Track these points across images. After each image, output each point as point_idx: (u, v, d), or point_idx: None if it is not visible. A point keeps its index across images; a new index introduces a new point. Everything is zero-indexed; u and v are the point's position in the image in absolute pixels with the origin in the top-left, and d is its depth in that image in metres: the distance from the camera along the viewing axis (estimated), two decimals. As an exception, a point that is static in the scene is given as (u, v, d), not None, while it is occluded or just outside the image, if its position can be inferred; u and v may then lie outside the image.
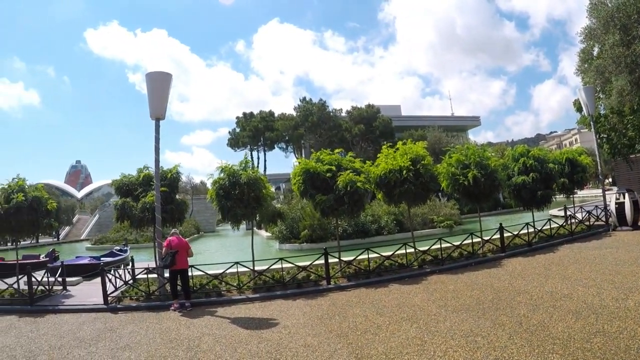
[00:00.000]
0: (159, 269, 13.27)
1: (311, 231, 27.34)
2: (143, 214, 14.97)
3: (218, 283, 13.31)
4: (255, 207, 13.90)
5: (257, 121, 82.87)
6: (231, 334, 9.02)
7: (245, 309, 11.43)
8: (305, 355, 7.33)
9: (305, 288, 13.08)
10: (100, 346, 8.83)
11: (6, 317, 12.30)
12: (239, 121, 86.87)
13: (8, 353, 8.79)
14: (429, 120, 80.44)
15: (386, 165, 15.22)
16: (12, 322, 11.62)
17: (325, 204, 14.45)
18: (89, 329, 10.34)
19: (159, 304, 12.40)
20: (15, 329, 10.82)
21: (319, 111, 72.23)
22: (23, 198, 14.36)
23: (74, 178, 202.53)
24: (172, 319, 10.78)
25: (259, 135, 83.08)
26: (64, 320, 11.48)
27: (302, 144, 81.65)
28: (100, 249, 40.67)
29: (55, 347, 8.99)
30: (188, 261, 12.37)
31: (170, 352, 8.07)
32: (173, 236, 12.47)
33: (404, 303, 10.40)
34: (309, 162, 15.10)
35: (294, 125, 74.92)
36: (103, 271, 12.98)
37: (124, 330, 9.94)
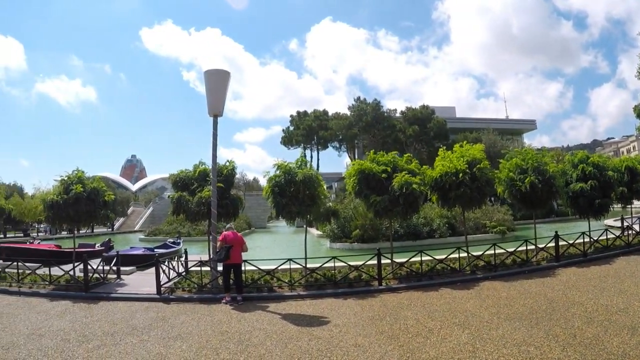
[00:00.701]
0: (212, 262, 13.41)
1: (362, 231, 27.28)
2: (198, 208, 15.19)
3: (270, 279, 13.40)
4: (309, 205, 13.90)
5: (311, 120, 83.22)
6: (282, 330, 9.04)
7: (296, 305, 11.44)
8: (356, 355, 7.28)
9: (356, 288, 13.01)
10: (152, 335, 8.99)
11: (61, 302, 12.67)
12: (293, 119, 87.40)
13: (62, 337, 9.02)
14: (483, 122, 78.97)
15: (442, 167, 15.00)
16: (67, 307, 11.94)
17: (380, 204, 14.34)
18: (141, 317, 10.55)
19: (211, 296, 12.53)
20: (70, 314, 11.11)
21: (373, 111, 71.99)
22: (82, 189, 14.77)
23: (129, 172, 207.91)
24: (224, 312, 10.89)
25: (313, 134, 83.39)
26: (117, 307, 11.75)
27: (355, 144, 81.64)
28: (153, 241, 41.53)
29: (108, 333, 9.20)
30: (242, 256, 12.49)
31: (222, 345, 8.14)
32: (229, 231, 12.61)
33: (456, 308, 10.24)
34: (364, 163, 15.01)
35: (348, 124, 74.86)
36: (158, 262, 13.21)
37: (176, 321, 10.09)
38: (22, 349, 8.23)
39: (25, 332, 9.45)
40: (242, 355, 7.53)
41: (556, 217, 43.46)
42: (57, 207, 14.76)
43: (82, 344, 8.44)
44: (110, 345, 8.35)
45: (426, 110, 73.19)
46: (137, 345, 8.26)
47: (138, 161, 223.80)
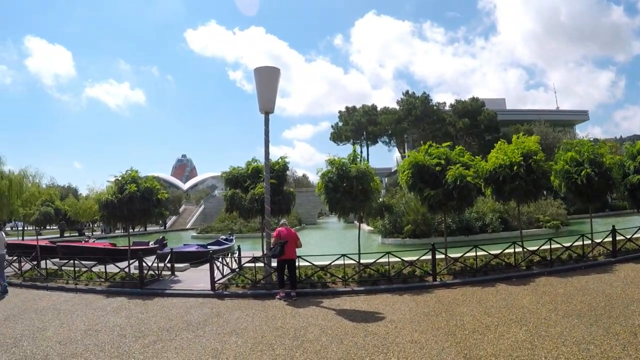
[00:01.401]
0: (266, 258, 13.42)
1: (415, 226, 26.98)
2: (252, 205, 15.27)
3: (323, 274, 13.32)
4: (363, 200, 13.79)
5: (359, 115, 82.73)
6: (337, 326, 8.96)
7: (350, 301, 11.34)
8: (412, 351, 7.14)
9: (410, 283, 12.82)
10: (207, 330, 9.03)
11: (117, 298, 12.90)
12: (342, 115, 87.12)
13: (118, 332, 9.16)
14: (534, 114, 76.37)
15: (497, 159, 14.58)
16: (123, 303, 12.14)
17: (434, 198, 14.12)
18: (196, 313, 10.62)
19: (265, 292, 12.54)
20: (126, 310, 11.29)
21: (422, 105, 71.11)
22: (135, 189, 15.03)
23: (180, 171, 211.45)
24: (278, 308, 10.87)
25: (362, 129, 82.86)
26: (172, 303, 11.87)
27: (405, 138, 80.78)
28: (205, 238, 42.10)
29: (163, 328, 9.29)
30: (296, 252, 12.46)
31: (277, 340, 8.11)
32: (282, 227, 12.60)
33: (512, 304, 9.96)
34: (417, 156, 14.79)
35: (397, 119, 74.14)
36: (212, 258, 13.34)
37: (231, 316, 10.12)
38: (79, 344, 8.37)
39: (82, 327, 9.63)
40: (297, 350, 7.48)
41: (610, 211, 42.03)
42: (111, 207, 15.04)
43: (138, 339, 8.53)
44: (166, 340, 8.42)
45: (476, 102, 71.73)
46: (193, 341, 8.31)
47: (188, 160, 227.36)
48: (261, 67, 13.75)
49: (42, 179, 39.49)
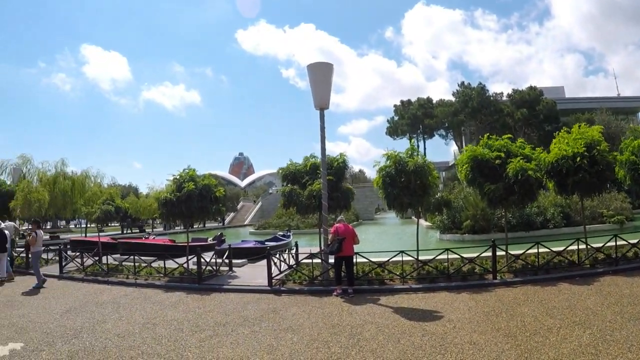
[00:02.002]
0: (323, 254, 13.40)
1: (474, 222, 26.56)
2: (309, 201, 15.29)
3: (381, 271, 13.19)
4: (421, 195, 13.57)
5: (415, 108, 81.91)
6: (394, 324, 8.84)
7: (407, 299, 11.19)
8: (471, 353, 6.95)
9: (469, 281, 12.57)
10: (263, 326, 9.06)
11: (176, 293, 13.13)
12: (397, 109, 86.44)
13: (176, 326, 9.31)
14: (595, 102, 73.18)
15: (559, 151, 14.04)
16: (181, 298, 12.35)
17: (494, 193, 13.75)
18: (253, 308, 10.69)
19: (322, 288, 12.54)
20: (184, 304, 11.47)
21: (478, 96, 69.62)
22: (193, 186, 15.22)
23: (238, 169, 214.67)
24: (335, 305, 10.82)
25: (418, 122, 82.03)
26: (229, 299, 12.00)
27: (462, 131, 79.47)
28: (263, 234, 42.53)
29: (220, 323, 9.38)
30: (354, 248, 12.38)
31: (333, 338, 8.05)
32: (340, 223, 12.55)
33: (575, 305, 9.59)
34: (476, 149, 14.44)
35: (453, 111, 72.97)
36: (269, 254, 13.41)
37: (287, 313, 10.14)
38: (137, 337, 8.55)
39: (140, 321, 9.84)
40: (353, 349, 7.40)
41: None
42: (170, 204, 15.30)
43: (195, 334, 8.65)
44: (222, 335, 8.50)
45: (534, 91, 69.57)
46: (249, 336, 8.36)
47: (245, 158, 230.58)
48: (314, 64, 13.75)
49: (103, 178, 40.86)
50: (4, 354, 7.84)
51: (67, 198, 35.30)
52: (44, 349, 8.01)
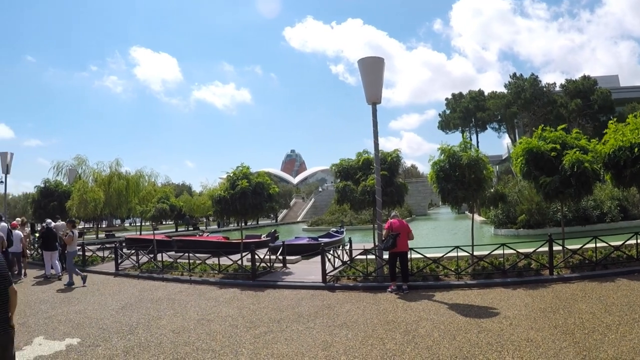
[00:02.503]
0: (378, 250, 13.33)
1: (529, 216, 26.13)
2: (363, 197, 15.30)
3: (435, 267, 13.06)
4: (476, 190, 13.40)
5: (466, 101, 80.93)
6: (449, 321, 8.75)
7: (463, 295, 11.08)
8: (528, 350, 6.82)
9: (525, 277, 12.35)
10: (318, 322, 9.08)
11: (230, 289, 13.28)
12: (449, 103, 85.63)
13: (230, 322, 9.42)
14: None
15: (615, 142, 13.58)
16: (235, 295, 12.48)
17: (550, 186, 13.42)
18: (307, 305, 10.74)
19: (376, 285, 12.49)
20: (238, 301, 11.60)
21: (530, 87, 68.11)
22: (247, 184, 15.44)
23: (290, 166, 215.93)
24: (389, 301, 10.78)
25: (470, 115, 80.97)
26: (284, 295, 12.08)
27: (515, 123, 77.94)
28: (316, 230, 42.70)
29: (274, 320, 9.44)
30: (408, 244, 12.28)
31: (388, 334, 8.02)
32: (394, 219, 12.46)
33: (635, 302, 9.30)
34: (531, 141, 14.16)
35: (506, 103, 71.64)
36: (323, 251, 13.44)
37: (342, 309, 10.13)
38: (192, 333, 8.69)
39: (195, 317, 9.99)
40: (408, 346, 7.35)
41: None
42: (224, 202, 15.60)
43: (249, 330, 8.73)
44: (277, 331, 8.55)
45: (587, 81, 67.54)
46: (303, 333, 8.39)
47: (297, 155, 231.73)
48: (365, 58, 13.70)
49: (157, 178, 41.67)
50: (61, 349, 8.05)
51: (122, 197, 36.15)
52: (100, 345, 8.22)
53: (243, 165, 16.62)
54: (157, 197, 32.25)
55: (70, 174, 37.47)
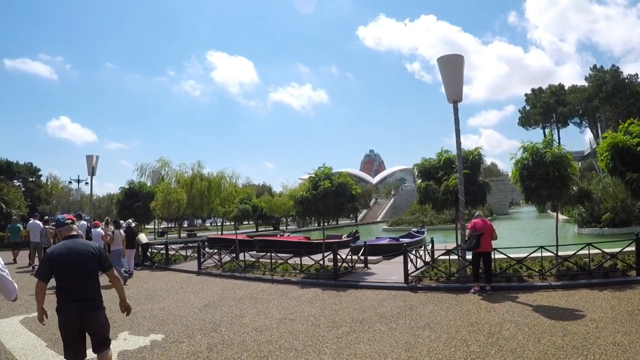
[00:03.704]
0: (460, 250, 13.23)
1: (613, 214, 25.29)
2: (445, 197, 15.21)
3: (519, 268, 12.87)
4: (560, 188, 13.07)
5: (547, 96, 79.00)
6: (534, 323, 8.63)
7: (547, 296, 10.86)
8: (615, 354, 6.65)
9: (612, 278, 11.95)
10: (400, 323, 9.13)
11: (311, 289, 13.51)
12: (528, 98, 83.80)
13: (312, 322, 9.60)
14: None
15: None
16: (317, 294, 12.69)
17: (637, 182, 12.97)
18: (389, 305, 10.79)
19: (459, 285, 12.43)
20: (320, 300, 11.79)
21: (612, 79, 65.75)
22: (329, 184, 15.64)
23: (369, 166, 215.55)
24: (472, 302, 10.72)
25: (551, 111, 78.99)
26: (365, 295, 12.18)
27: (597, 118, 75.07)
28: (396, 231, 42.61)
29: (357, 320, 9.55)
30: (492, 244, 12.15)
31: (471, 336, 8.00)
32: (477, 218, 12.38)
33: None
34: (616, 136, 13.71)
35: (587, 97, 69.46)
36: (405, 251, 13.45)
37: (424, 310, 10.14)
38: (274, 332, 8.92)
39: (277, 316, 10.24)
40: (492, 348, 7.31)
41: None
42: (306, 202, 15.90)
43: (331, 330, 8.88)
44: (359, 331, 8.66)
45: (672, 70, 64.60)
46: (386, 333, 8.46)
47: (376, 155, 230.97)
48: (445, 56, 13.68)
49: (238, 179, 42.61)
50: (145, 344, 8.43)
51: (203, 198, 37.11)
52: (183, 341, 8.56)
53: (325, 165, 16.83)
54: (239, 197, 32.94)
55: (154, 175, 38.90)
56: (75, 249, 5.57)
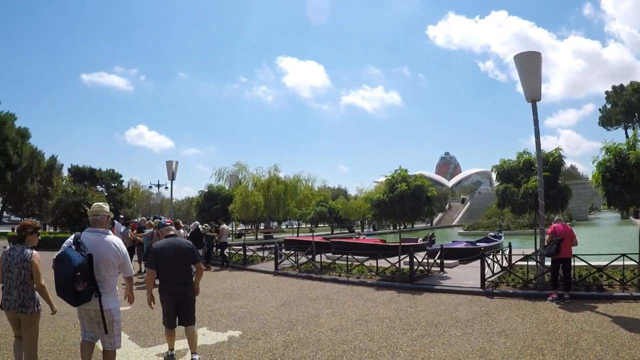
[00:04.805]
0: (539, 256, 12.97)
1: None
2: (525, 200, 14.81)
3: (599, 276, 12.49)
4: (646, 192, 12.51)
5: (628, 94, 75.52)
6: (613, 334, 8.37)
7: (627, 307, 10.50)
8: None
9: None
10: (475, 328, 9.08)
11: (387, 291, 13.57)
12: (609, 96, 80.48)
13: (387, 324, 9.66)
14: None
15: None
16: (392, 297, 12.74)
17: None
18: (465, 310, 10.75)
19: (536, 292, 12.18)
20: (395, 303, 11.84)
21: None
22: (406, 187, 15.63)
23: (444, 168, 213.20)
24: (550, 310, 10.51)
25: (633, 109, 75.61)
26: (441, 299, 12.16)
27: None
28: (472, 235, 42.08)
29: (432, 323, 9.56)
30: (572, 250, 11.82)
31: (547, 345, 7.85)
32: (558, 223, 12.06)
33: None
34: None
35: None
36: (483, 256, 13.32)
37: (500, 316, 10.04)
38: (349, 332, 9.03)
39: (353, 317, 10.35)
40: (569, 358, 7.17)
41: None
42: (383, 205, 15.96)
43: (406, 332, 8.92)
44: (434, 335, 8.66)
45: None
46: (460, 338, 8.43)
47: (451, 158, 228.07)
48: (522, 53, 13.48)
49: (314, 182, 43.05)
50: (223, 340, 8.72)
51: (280, 201, 37.76)
52: (260, 338, 8.79)
53: (401, 168, 16.81)
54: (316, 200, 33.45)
55: (231, 179, 39.97)
56: (175, 245, 7.25)
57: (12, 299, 5.86)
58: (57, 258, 5.43)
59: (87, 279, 5.38)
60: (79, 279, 5.27)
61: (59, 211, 36.60)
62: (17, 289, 5.85)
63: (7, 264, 5.90)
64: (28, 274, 5.88)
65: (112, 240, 5.87)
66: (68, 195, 37.91)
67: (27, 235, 6.11)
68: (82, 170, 69.49)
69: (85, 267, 5.37)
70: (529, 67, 13.24)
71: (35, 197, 58.11)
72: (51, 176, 57.95)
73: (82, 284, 5.32)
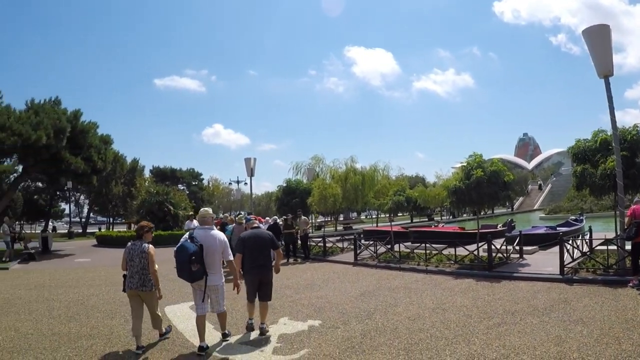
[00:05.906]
0: (619, 240, 12.67)
1: None
2: (603, 181, 14.33)
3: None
4: None
5: None
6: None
7: None
8: None
9: None
10: (552, 316, 9.01)
11: (465, 280, 13.61)
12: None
13: (464, 312, 9.72)
14: None
15: None
16: (470, 285, 12.76)
17: None
18: (542, 297, 10.65)
19: (617, 278, 11.89)
20: (473, 291, 11.86)
21: None
22: (482, 173, 15.56)
23: (523, 150, 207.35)
24: (629, 297, 10.26)
25: None
26: (519, 287, 12.07)
27: None
28: (553, 219, 41.02)
29: (508, 311, 9.55)
30: None
31: (625, 334, 7.66)
32: (637, 204, 11.72)
33: None
34: None
35: None
36: (562, 241, 13.15)
37: (578, 304, 9.90)
38: (426, 321, 9.16)
39: (430, 305, 10.47)
40: (647, 346, 7.03)
41: None
42: (460, 192, 15.96)
43: (482, 320, 8.96)
44: (510, 323, 8.66)
45: None
46: (537, 326, 8.39)
47: (530, 139, 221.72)
48: (589, 28, 13.12)
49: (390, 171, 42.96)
50: (304, 329, 8.99)
51: (358, 192, 37.95)
52: (339, 327, 9.02)
53: (476, 154, 16.71)
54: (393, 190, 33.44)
55: (309, 172, 40.52)
56: (258, 234, 8.87)
57: (134, 281, 7.78)
58: (177, 249, 7.60)
59: (199, 262, 7.41)
60: (194, 262, 7.34)
61: (143, 210, 38.05)
62: (137, 273, 7.77)
63: (130, 255, 7.83)
64: (146, 262, 7.73)
65: (216, 234, 7.92)
66: (151, 195, 39.38)
67: (144, 233, 8.04)
68: (163, 171, 71.90)
69: (198, 254, 7.43)
70: (598, 41, 12.92)
71: (120, 198, 60.44)
72: (134, 178, 60.24)
73: (196, 265, 7.37)
